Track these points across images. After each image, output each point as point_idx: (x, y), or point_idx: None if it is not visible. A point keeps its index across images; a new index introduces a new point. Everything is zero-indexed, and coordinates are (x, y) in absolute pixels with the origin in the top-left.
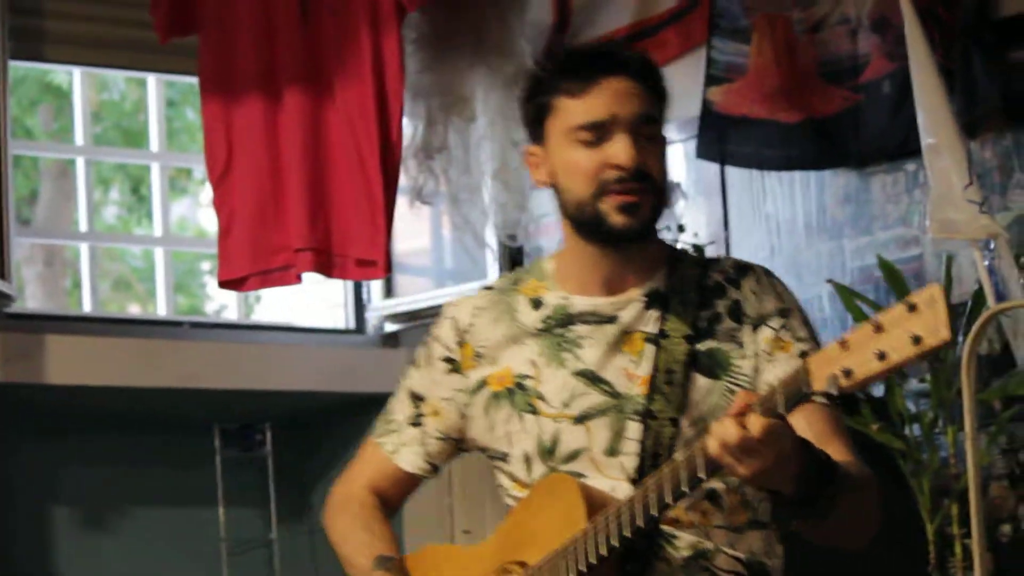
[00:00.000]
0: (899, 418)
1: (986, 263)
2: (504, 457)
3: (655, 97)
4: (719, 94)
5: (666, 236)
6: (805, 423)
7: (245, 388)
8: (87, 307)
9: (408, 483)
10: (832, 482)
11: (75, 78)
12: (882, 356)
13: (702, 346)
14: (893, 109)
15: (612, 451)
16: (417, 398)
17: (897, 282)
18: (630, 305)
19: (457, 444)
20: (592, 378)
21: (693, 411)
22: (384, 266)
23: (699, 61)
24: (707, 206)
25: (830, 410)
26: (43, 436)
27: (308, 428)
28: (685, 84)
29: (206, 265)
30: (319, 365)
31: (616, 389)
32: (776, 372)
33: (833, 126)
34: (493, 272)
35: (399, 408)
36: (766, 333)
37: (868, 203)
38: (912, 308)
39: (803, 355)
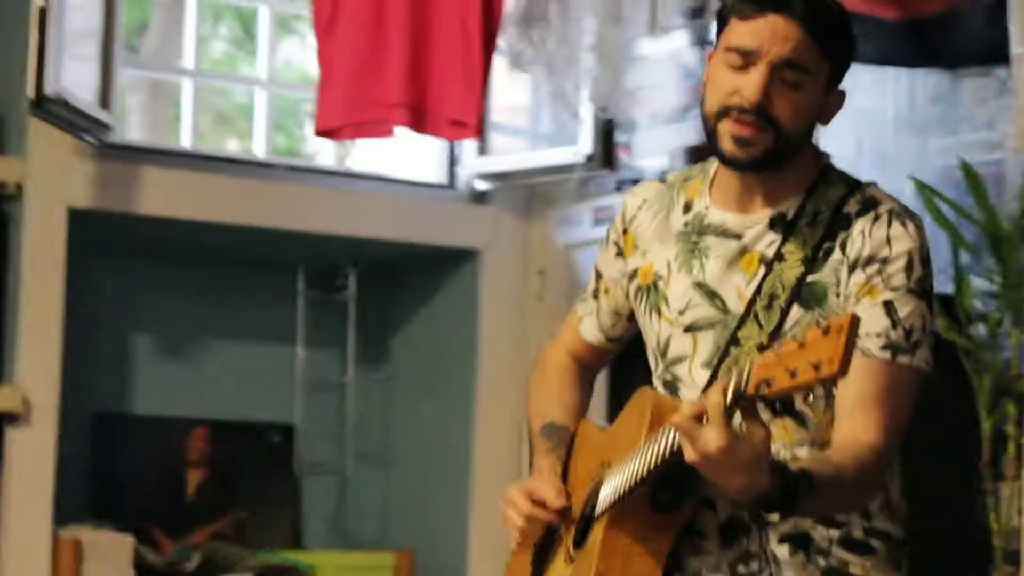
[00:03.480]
0: (966, 317)
1: None
2: (645, 346)
3: (818, 47)
4: None
5: None
6: (853, 381)
7: (333, 232)
8: (186, 142)
9: (594, 352)
10: (797, 497)
11: None
12: (793, 374)
13: (812, 276)
14: (990, 15)
15: (707, 364)
16: (598, 273)
17: (976, 185)
18: (756, 225)
19: (628, 321)
20: (707, 291)
21: (783, 340)
22: (476, 128)
23: None
24: None
25: (889, 369)
26: (131, 265)
27: (392, 276)
28: None
29: (308, 107)
30: (408, 215)
31: (727, 305)
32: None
33: (930, 26)
34: (586, 141)
35: (591, 279)
36: (858, 277)
37: (957, 105)
38: (826, 332)
39: (887, 304)
